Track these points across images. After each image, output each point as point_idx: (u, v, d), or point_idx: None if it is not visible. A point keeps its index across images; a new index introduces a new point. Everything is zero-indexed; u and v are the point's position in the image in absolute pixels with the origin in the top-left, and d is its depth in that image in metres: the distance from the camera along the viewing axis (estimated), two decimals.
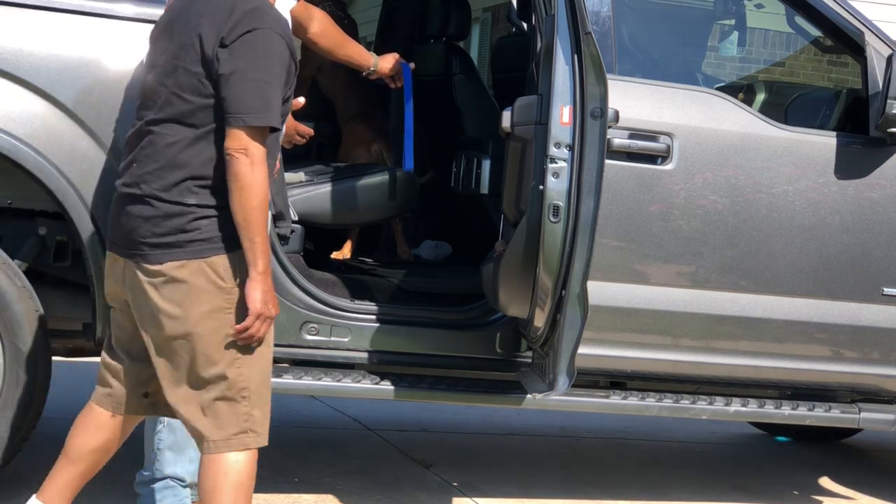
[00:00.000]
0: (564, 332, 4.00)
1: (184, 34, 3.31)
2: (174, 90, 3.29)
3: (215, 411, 3.31)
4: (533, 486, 5.15)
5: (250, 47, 3.24)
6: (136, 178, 3.32)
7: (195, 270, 3.27)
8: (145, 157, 3.31)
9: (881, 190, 4.71)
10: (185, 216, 3.27)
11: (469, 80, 5.69)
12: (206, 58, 3.26)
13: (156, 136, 3.31)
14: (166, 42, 3.36)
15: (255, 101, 3.23)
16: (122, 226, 3.35)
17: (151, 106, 3.34)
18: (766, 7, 5.80)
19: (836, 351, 4.78)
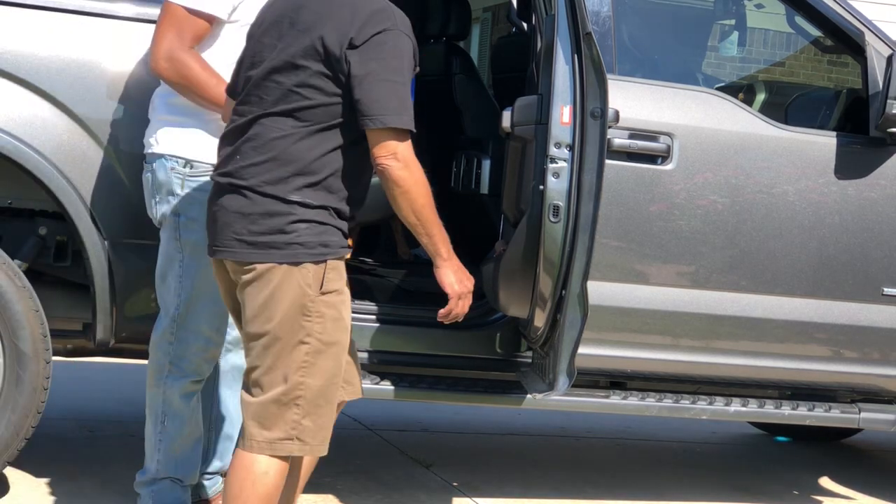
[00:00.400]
0: (564, 332, 4.00)
1: (298, 34, 3.26)
2: (293, 87, 3.24)
3: (266, 412, 3.27)
4: (533, 486, 5.15)
5: (382, 48, 3.22)
6: (239, 169, 3.24)
7: (286, 274, 3.21)
8: (251, 149, 3.25)
9: (881, 190, 4.71)
10: (286, 216, 3.21)
11: (469, 80, 5.69)
12: (331, 58, 3.22)
13: (265, 129, 3.24)
14: (273, 40, 3.31)
15: (393, 102, 3.21)
16: (215, 220, 3.28)
17: (258, 101, 3.28)
18: (766, 7, 5.80)
19: (836, 351, 4.78)
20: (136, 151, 4.03)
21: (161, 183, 3.83)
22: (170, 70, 3.74)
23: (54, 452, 4.98)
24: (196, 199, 3.79)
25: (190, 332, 3.85)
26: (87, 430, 5.47)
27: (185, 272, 3.83)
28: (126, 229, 4.12)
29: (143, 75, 4.08)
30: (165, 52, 3.73)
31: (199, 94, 3.75)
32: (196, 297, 3.83)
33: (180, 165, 3.81)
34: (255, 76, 3.31)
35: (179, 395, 3.86)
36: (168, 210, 3.84)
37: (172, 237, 3.84)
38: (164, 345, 3.87)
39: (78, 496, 4.45)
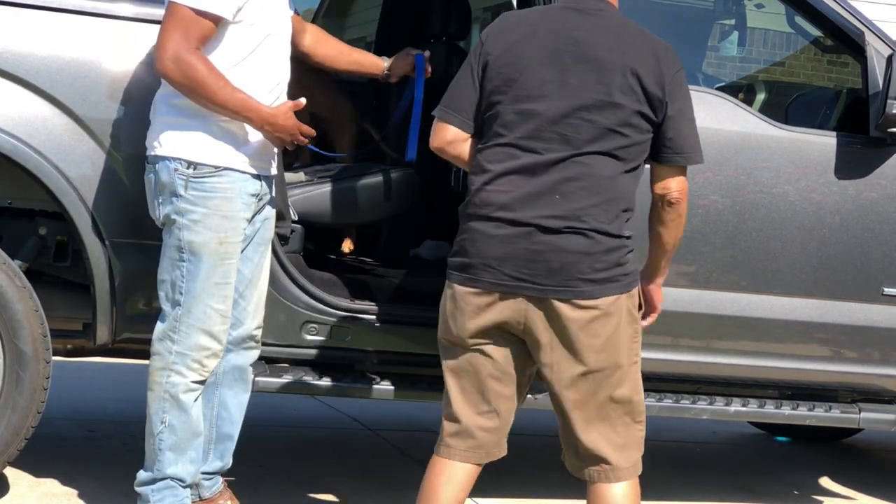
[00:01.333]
0: None
1: (595, 72, 3.31)
2: (613, 127, 3.30)
3: (625, 436, 3.42)
4: (533, 486, 5.14)
5: (683, 87, 3.41)
6: (572, 211, 3.27)
7: (623, 303, 3.33)
8: (580, 189, 3.27)
9: (881, 190, 4.71)
10: (621, 250, 3.32)
11: None
12: (652, 98, 3.33)
13: (590, 168, 3.29)
14: (555, 74, 3.32)
15: (696, 140, 3.45)
16: (542, 262, 3.26)
17: (560, 139, 3.29)
18: (766, 7, 5.80)
19: (837, 351, 4.78)
20: (137, 151, 4.03)
21: (164, 184, 3.79)
22: (176, 71, 3.67)
23: (54, 452, 4.98)
24: (199, 200, 3.77)
25: (192, 332, 3.82)
26: (87, 430, 5.47)
27: (188, 273, 3.80)
28: (126, 229, 4.12)
29: (143, 75, 4.08)
30: (172, 53, 3.67)
31: (204, 97, 3.70)
32: (198, 297, 3.81)
33: (183, 167, 3.77)
34: (545, 112, 3.30)
35: (181, 394, 3.84)
36: (171, 211, 3.80)
37: (175, 238, 3.81)
38: (166, 344, 3.84)
39: (78, 496, 4.45)
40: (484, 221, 3.31)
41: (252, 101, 3.76)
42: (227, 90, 3.69)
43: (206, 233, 3.78)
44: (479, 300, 3.32)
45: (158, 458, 3.85)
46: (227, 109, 3.73)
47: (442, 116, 3.43)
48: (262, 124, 3.79)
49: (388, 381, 4.41)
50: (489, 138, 3.36)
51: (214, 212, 3.79)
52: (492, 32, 3.44)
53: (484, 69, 3.38)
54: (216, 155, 3.80)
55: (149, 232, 4.03)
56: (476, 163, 3.37)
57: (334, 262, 5.30)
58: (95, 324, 4.16)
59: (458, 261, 3.36)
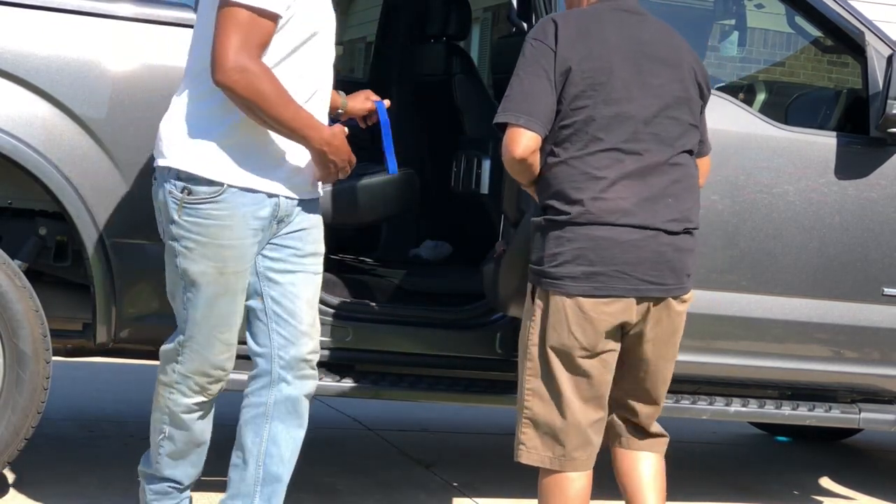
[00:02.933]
0: None
1: (668, 69, 3.40)
2: (691, 123, 3.44)
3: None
4: (533, 486, 5.12)
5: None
6: (683, 213, 3.38)
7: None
8: (683, 190, 3.39)
9: (881, 190, 4.71)
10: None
11: (469, 80, 5.69)
12: (703, 92, 3.50)
13: (684, 168, 3.41)
14: (632, 74, 3.35)
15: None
16: (666, 262, 3.36)
17: (655, 139, 3.35)
18: (766, 7, 5.80)
19: (836, 351, 4.78)
20: (137, 151, 4.03)
21: (161, 203, 3.51)
22: (241, 83, 3.24)
23: (54, 452, 4.98)
24: (193, 227, 3.43)
25: (195, 358, 3.57)
26: (87, 430, 5.47)
27: (188, 301, 3.50)
28: (126, 229, 4.12)
29: (143, 75, 4.08)
30: (235, 62, 3.23)
31: (266, 112, 3.29)
32: (200, 325, 3.51)
33: (177, 190, 3.42)
34: (637, 114, 3.33)
35: (181, 413, 3.66)
36: (168, 234, 3.51)
37: (172, 263, 3.52)
38: (171, 360, 3.62)
39: (78, 496, 4.45)
40: (609, 228, 3.30)
41: (314, 119, 3.40)
42: (292, 107, 3.32)
43: (203, 262, 3.45)
44: (609, 308, 3.32)
45: (157, 461, 3.80)
46: (286, 128, 3.34)
47: (526, 124, 3.30)
48: (322, 145, 3.41)
49: (387, 381, 4.41)
50: (586, 144, 3.32)
51: (212, 240, 3.44)
52: (562, 38, 3.34)
53: (565, 74, 3.32)
54: (222, 174, 3.41)
55: (148, 232, 4.03)
56: (578, 170, 3.32)
57: (334, 262, 5.31)
58: (95, 324, 4.16)
59: (581, 270, 3.29)
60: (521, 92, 3.32)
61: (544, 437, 3.40)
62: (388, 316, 4.51)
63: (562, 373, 3.36)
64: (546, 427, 3.39)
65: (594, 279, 3.29)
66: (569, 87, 3.31)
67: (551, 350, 3.35)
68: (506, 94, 3.34)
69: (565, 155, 3.32)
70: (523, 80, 3.33)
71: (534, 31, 3.40)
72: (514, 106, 3.32)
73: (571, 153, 3.32)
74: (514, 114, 3.30)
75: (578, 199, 3.29)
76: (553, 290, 3.32)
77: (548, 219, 3.33)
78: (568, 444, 3.39)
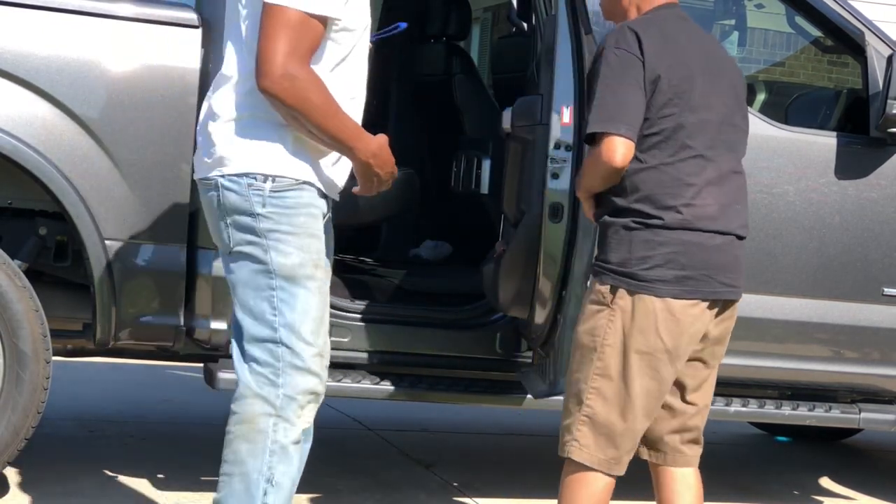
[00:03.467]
0: (565, 332, 4.00)
1: (726, 77, 3.50)
2: (745, 129, 3.53)
3: None
4: (533, 486, 5.14)
5: None
6: (745, 219, 3.49)
7: None
8: (744, 197, 3.49)
9: (881, 190, 4.71)
10: None
11: (469, 80, 5.69)
12: (746, 97, 3.60)
13: (743, 175, 3.50)
14: (707, 85, 3.42)
15: None
16: (738, 266, 3.48)
17: (725, 146, 3.43)
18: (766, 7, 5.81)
19: (836, 351, 4.78)
20: (136, 152, 4.03)
21: (234, 205, 3.13)
22: (289, 90, 3.00)
23: (54, 452, 4.98)
24: (282, 218, 3.14)
25: (296, 374, 3.15)
26: (87, 430, 5.47)
27: (282, 302, 3.14)
28: (126, 229, 4.11)
29: (143, 75, 4.08)
30: (285, 68, 2.99)
31: (312, 122, 3.05)
32: (298, 330, 3.15)
33: (259, 181, 3.11)
34: (713, 121, 3.41)
35: (291, 445, 3.17)
36: (248, 234, 3.14)
37: (258, 263, 3.14)
38: (268, 389, 3.13)
39: (78, 496, 4.45)
40: (698, 234, 3.37)
41: (360, 129, 3.16)
42: (340, 117, 3.08)
43: (299, 254, 3.14)
44: (694, 310, 3.39)
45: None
46: (331, 138, 3.09)
47: (626, 133, 3.32)
48: (368, 157, 3.16)
49: (388, 381, 4.41)
50: (676, 151, 3.37)
51: (302, 230, 3.15)
52: (647, 47, 3.36)
53: (655, 83, 3.35)
54: (296, 168, 3.15)
55: (148, 232, 4.03)
56: (670, 176, 3.36)
57: (334, 262, 5.31)
58: (95, 324, 4.16)
59: (672, 273, 3.35)
60: (616, 101, 3.33)
61: (599, 438, 3.40)
62: (388, 316, 4.51)
63: (638, 377, 3.38)
64: (604, 428, 3.40)
65: (684, 283, 3.36)
66: (657, 95, 3.35)
67: (634, 353, 3.37)
68: (597, 104, 3.33)
69: (654, 161, 3.36)
70: (616, 90, 3.34)
71: (614, 41, 3.38)
72: (610, 115, 3.32)
73: (662, 159, 3.37)
74: (614, 123, 3.31)
75: (672, 204, 3.35)
76: (643, 292, 3.35)
77: (638, 221, 3.36)
78: (622, 448, 3.42)
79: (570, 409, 3.44)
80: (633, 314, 3.34)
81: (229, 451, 3.15)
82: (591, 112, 3.33)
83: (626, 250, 3.35)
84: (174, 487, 4.61)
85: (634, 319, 3.34)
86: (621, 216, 3.37)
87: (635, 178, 3.35)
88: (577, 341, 3.43)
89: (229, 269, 3.21)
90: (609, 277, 3.37)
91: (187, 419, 5.80)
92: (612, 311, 3.36)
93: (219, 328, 4.20)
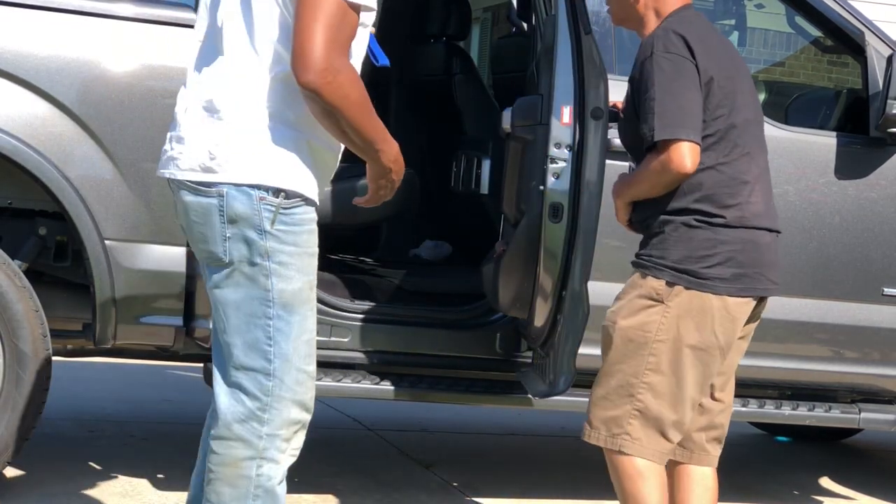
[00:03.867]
0: (565, 332, 4.00)
1: (749, 76, 3.58)
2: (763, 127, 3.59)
3: None
4: (533, 486, 5.15)
5: None
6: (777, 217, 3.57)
7: None
8: (772, 195, 3.58)
9: (881, 190, 4.71)
10: None
11: (469, 80, 5.69)
12: None
13: (769, 173, 3.57)
14: (743, 81, 3.50)
15: None
16: (779, 264, 3.55)
17: (759, 145, 3.50)
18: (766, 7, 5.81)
19: (836, 351, 4.79)
20: (136, 151, 4.03)
21: (239, 216, 2.82)
22: (333, 86, 2.69)
23: (54, 452, 4.98)
24: (288, 237, 2.85)
25: (283, 406, 2.91)
26: (87, 430, 5.47)
27: (277, 331, 2.87)
28: (126, 229, 4.12)
29: (143, 75, 4.08)
30: (329, 61, 2.68)
31: (350, 122, 2.76)
32: (291, 360, 2.89)
33: (271, 195, 2.81)
34: (752, 120, 3.49)
35: (277, 486, 2.98)
36: (250, 252, 2.84)
37: (257, 289, 2.85)
38: (251, 426, 2.90)
39: (78, 496, 4.45)
40: (754, 231, 3.45)
41: (387, 131, 2.89)
42: (374, 116, 2.81)
43: (300, 278, 2.87)
44: (747, 307, 3.47)
45: None
46: (363, 140, 2.81)
47: (695, 138, 3.35)
48: (391, 162, 2.90)
49: (388, 381, 4.41)
50: (730, 150, 3.42)
51: (304, 249, 2.89)
52: (696, 49, 3.38)
53: (708, 85, 3.39)
54: (306, 183, 2.87)
55: (148, 232, 4.02)
56: (727, 176, 3.41)
57: (334, 262, 5.31)
58: (95, 324, 4.16)
59: (731, 272, 3.41)
60: (677, 106, 3.34)
61: (649, 430, 3.45)
62: (388, 316, 4.52)
63: (691, 370, 3.43)
64: (655, 422, 3.44)
65: (740, 280, 3.42)
66: (710, 97, 3.39)
67: (688, 348, 3.41)
68: (658, 111, 3.32)
69: (711, 161, 3.40)
70: (676, 95, 3.34)
71: (662, 46, 3.38)
72: (675, 121, 3.33)
73: (718, 159, 3.41)
74: (683, 129, 3.33)
75: (732, 203, 3.41)
76: (702, 290, 3.40)
77: (700, 220, 3.40)
78: (673, 439, 3.48)
79: (613, 400, 3.46)
80: (690, 311, 3.39)
81: (212, 492, 2.94)
82: (651, 119, 3.33)
83: (686, 248, 3.40)
84: (174, 487, 4.61)
85: (691, 316, 3.40)
86: (680, 215, 3.41)
87: (693, 178, 3.38)
88: (621, 335, 3.45)
89: (218, 283, 2.88)
90: (666, 273, 3.40)
91: (187, 419, 5.79)
92: (666, 307, 3.40)
93: None
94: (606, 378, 3.48)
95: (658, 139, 3.31)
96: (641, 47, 3.46)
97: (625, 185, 3.54)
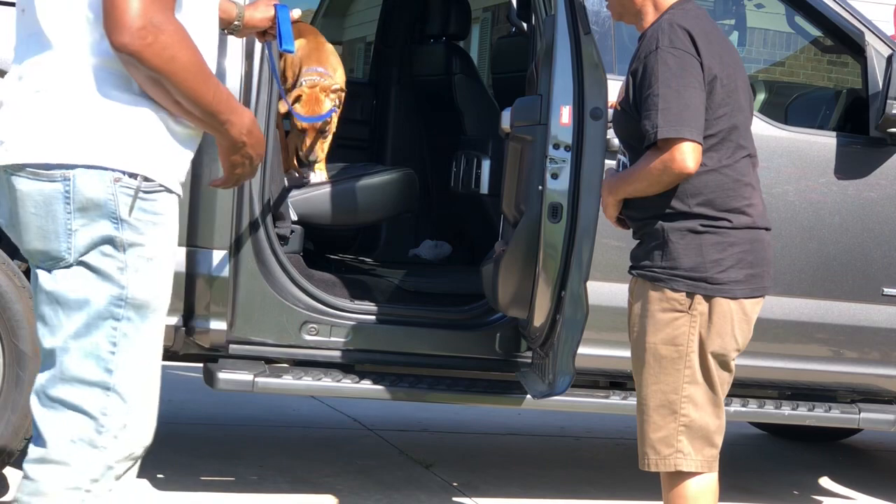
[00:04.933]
0: (564, 332, 4.00)
1: (745, 75, 3.52)
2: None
3: None
4: (533, 486, 5.15)
5: None
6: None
7: None
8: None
9: (881, 190, 4.71)
10: None
11: (469, 80, 5.70)
12: None
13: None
14: (742, 79, 3.46)
15: None
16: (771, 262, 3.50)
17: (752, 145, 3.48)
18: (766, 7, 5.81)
19: (836, 351, 4.78)
20: None
21: (90, 201, 2.36)
22: (154, 47, 2.27)
23: None
24: (148, 228, 2.41)
25: (126, 430, 2.41)
26: None
27: (125, 333, 2.40)
28: None
29: None
30: (147, 17, 2.26)
31: (186, 90, 2.34)
32: (133, 370, 2.41)
33: (127, 177, 2.37)
34: (749, 118, 3.49)
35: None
36: (102, 243, 2.37)
37: (108, 284, 2.38)
38: (77, 456, 2.37)
39: None
40: (759, 231, 3.44)
41: (235, 100, 2.49)
42: (213, 82, 2.39)
43: (158, 279, 2.45)
44: (759, 306, 3.48)
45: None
46: (202, 110, 2.39)
47: (698, 137, 3.30)
48: (242, 135, 2.48)
49: (387, 381, 4.41)
50: (732, 152, 3.39)
51: (163, 245, 2.45)
52: (701, 46, 3.34)
53: (712, 83, 3.35)
54: (167, 167, 2.45)
55: None
56: (730, 178, 3.39)
57: (334, 262, 5.31)
58: None
59: (743, 273, 3.38)
60: (682, 104, 3.28)
61: (696, 442, 3.43)
62: (388, 316, 4.51)
63: (717, 373, 3.44)
64: (700, 431, 3.42)
65: (752, 281, 3.41)
66: (713, 95, 3.35)
67: (711, 355, 3.41)
68: (661, 107, 3.27)
69: (713, 163, 3.36)
70: (680, 92, 3.29)
71: (668, 41, 3.32)
72: (678, 119, 3.27)
73: (721, 161, 3.38)
74: (687, 128, 3.28)
75: (737, 206, 3.38)
76: (720, 295, 3.37)
77: (705, 225, 3.37)
78: (718, 443, 3.48)
79: (657, 422, 3.41)
80: (711, 318, 3.37)
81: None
82: (654, 116, 3.28)
83: (697, 254, 3.36)
84: (174, 487, 4.61)
85: (713, 323, 3.37)
86: (683, 220, 3.36)
87: (696, 181, 3.34)
88: (652, 352, 3.39)
89: (54, 280, 2.38)
90: (682, 284, 3.35)
91: (187, 419, 5.79)
92: (692, 317, 3.37)
93: (218, 328, 4.21)
94: (645, 400, 3.44)
95: (660, 137, 3.27)
96: (645, 40, 3.40)
97: (620, 182, 3.48)
